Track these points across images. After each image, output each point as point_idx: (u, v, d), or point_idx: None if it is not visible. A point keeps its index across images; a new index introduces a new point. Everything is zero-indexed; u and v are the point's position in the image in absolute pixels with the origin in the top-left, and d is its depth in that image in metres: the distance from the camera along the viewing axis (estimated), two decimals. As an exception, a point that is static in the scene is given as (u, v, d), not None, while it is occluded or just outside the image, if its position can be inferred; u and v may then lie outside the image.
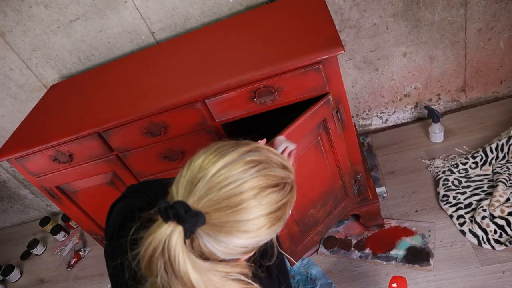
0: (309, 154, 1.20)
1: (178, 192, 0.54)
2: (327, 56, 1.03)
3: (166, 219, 0.49)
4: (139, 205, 0.78)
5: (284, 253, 0.86)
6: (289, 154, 0.92)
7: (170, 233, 0.49)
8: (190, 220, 0.49)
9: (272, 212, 0.54)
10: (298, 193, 0.64)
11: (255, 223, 0.53)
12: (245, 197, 0.52)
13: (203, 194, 0.52)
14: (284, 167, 0.59)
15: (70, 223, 2.29)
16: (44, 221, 2.31)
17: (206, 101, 1.15)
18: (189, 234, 0.50)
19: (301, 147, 1.15)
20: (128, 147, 1.30)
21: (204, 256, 0.53)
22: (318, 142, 1.21)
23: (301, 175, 1.19)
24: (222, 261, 0.55)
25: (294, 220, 1.30)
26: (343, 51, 1.00)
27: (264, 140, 0.95)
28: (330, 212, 1.40)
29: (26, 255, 2.30)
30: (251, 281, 0.56)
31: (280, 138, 0.95)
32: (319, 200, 1.34)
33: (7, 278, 2.16)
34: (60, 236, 2.25)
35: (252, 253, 0.61)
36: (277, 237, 0.71)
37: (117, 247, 0.68)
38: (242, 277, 0.55)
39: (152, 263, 0.50)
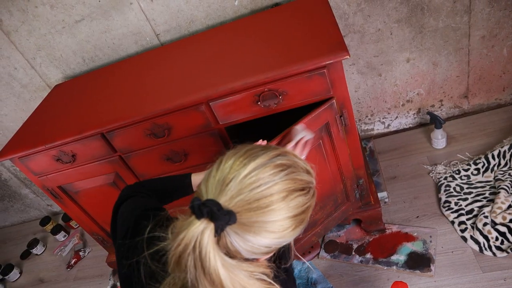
0: (310, 156, 1.20)
1: (208, 191, 0.55)
2: (332, 61, 1.03)
3: (199, 216, 0.51)
4: (150, 205, 0.80)
5: (298, 254, 0.87)
6: (305, 143, 0.94)
7: (202, 230, 0.50)
8: (223, 218, 0.51)
9: (297, 214, 0.57)
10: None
11: (281, 225, 0.55)
12: (275, 199, 0.54)
13: (235, 194, 0.53)
14: (308, 172, 0.61)
15: (70, 223, 2.29)
16: (44, 221, 2.31)
17: (210, 103, 1.15)
18: (219, 232, 0.52)
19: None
20: (131, 148, 1.30)
21: (230, 254, 0.54)
22: (320, 145, 1.21)
23: None
24: (246, 260, 0.56)
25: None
26: (348, 56, 1.00)
27: (265, 141, 0.95)
28: (329, 214, 1.40)
29: (26, 254, 2.30)
30: (272, 282, 0.58)
31: (298, 127, 0.96)
32: (318, 202, 1.34)
33: (6, 277, 2.15)
34: (60, 236, 2.25)
35: (271, 254, 0.63)
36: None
37: (132, 246, 0.69)
38: (265, 277, 0.56)
39: (182, 259, 0.51)
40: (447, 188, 1.58)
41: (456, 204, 1.52)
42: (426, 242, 1.45)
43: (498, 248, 1.34)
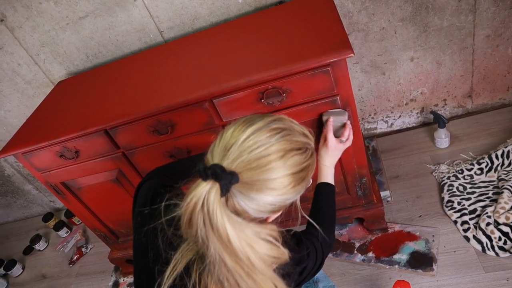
0: None
1: (213, 157, 0.61)
2: (336, 59, 1.03)
3: (205, 178, 0.56)
4: (168, 182, 0.86)
5: (307, 217, 0.92)
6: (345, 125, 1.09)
7: (209, 189, 0.55)
8: (226, 177, 0.56)
9: (296, 172, 0.62)
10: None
11: (281, 182, 0.60)
12: (272, 158, 0.59)
13: (236, 157, 0.59)
14: (305, 135, 0.66)
15: (73, 220, 2.30)
16: (47, 217, 2.32)
17: (214, 100, 1.15)
18: (224, 192, 0.56)
19: None
20: (135, 145, 1.30)
21: (238, 214, 0.59)
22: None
23: None
24: (253, 219, 0.61)
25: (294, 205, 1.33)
26: (352, 54, 1.00)
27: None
28: None
29: (29, 250, 2.31)
30: (278, 244, 0.61)
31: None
32: (313, 184, 1.35)
33: (9, 272, 2.17)
34: (63, 232, 2.26)
35: (279, 213, 0.68)
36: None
37: (149, 213, 0.75)
38: (271, 239, 0.60)
39: (193, 218, 0.56)
40: (450, 187, 1.58)
41: (459, 203, 1.51)
42: (429, 241, 1.45)
43: (501, 248, 1.34)
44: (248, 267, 0.56)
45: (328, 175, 1.06)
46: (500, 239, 1.35)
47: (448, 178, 1.62)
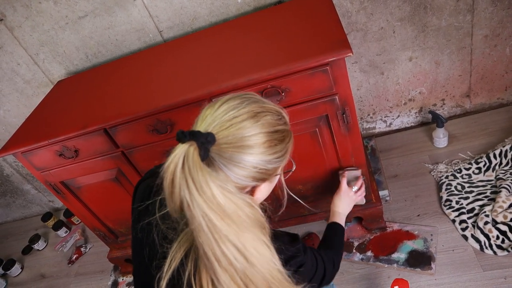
0: (304, 138, 1.25)
1: (192, 129, 0.63)
2: (335, 58, 1.03)
3: (183, 139, 0.57)
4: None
5: (294, 196, 0.97)
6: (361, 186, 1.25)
7: (187, 148, 0.55)
8: (202, 136, 0.57)
9: (270, 132, 0.64)
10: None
11: (256, 138, 0.62)
12: (244, 117, 0.63)
13: (211, 122, 0.62)
14: (276, 106, 0.70)
15: (72, 219, 2.30)
16: (46, 217, 2.32)
17: (213, 100, 1.16)
18: (203, 153, 0.56)
19: (296, 129, 1.20)
20: (134, 144, 1.31)
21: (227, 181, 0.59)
22: (315, 133, 1.23)
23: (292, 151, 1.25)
24: (241, 190, 0.63)
25: (279, 185, 1.36)
26: (351, 54, 1.01)
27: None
28: (322, 194, 1.45)
29: (28, 250, 2.31)
30: (256, 207, 0.60)
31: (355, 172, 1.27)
32: (309, 181, 1.40)
33: (8, 272, 2.17)
34: (62, 232, 2.26)
35: (264, 185, 0.69)
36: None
37: (144, 209, 0.76)
38: (249, 201, 0.59)
39: (175, 178, 0.55)
40: (448, 186, 1.59)
41: (457, 202, 1.52)
42: (427, 240, 1.45)
43: (498, 247, 1.34)
44: (236, 224, 0.55)
45: (340, 219, 1.17)
46: (498, 237, 1.36)
47: (447, 177, 1.63)
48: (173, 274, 0.62)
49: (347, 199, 1.22)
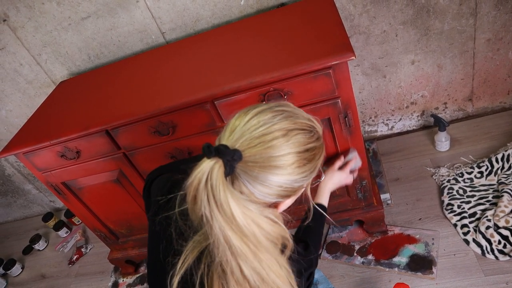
0: None
1: (219, 140, 0.63)
2: (337, 62, 1.03)
3: (209, 155, 0.56)
4: (181, 178, 0.86)
5: (312, 201, 0.95)
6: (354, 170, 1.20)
7: (212, 165, 0.55)
8: (229, 153, 0.56)
9: (300, 152, 0.62)
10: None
11: (285, 159, 0.60)
12: (275, 135, 0.60)
13: (239, 136, 0.60)
14: (310, 120, 0.67)
15: (72, 220, 2.30)
16: (47, 217, 2.32)
17: (215, 102, 1.16)
18: (228, 170, 0.56)
19: None
20: (136, 146, 1.31)
21: (250, 199, 0.59)
22: None
23: None
24: (262, 204, 0.61)
25: (303, 197, 1.35)
26: (354, 57, 1.01)
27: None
28: None
29: (28, 250, 2.31)
30: (280, 222, 0.60)
31: (351, 151, 1.21)
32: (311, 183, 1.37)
33: (8, 272, 2.17)
34: (63, 232, 2.26)
35: (289, 200, 0.68)
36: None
37: (164, 203, 0.76)
38: (273, 217, 0.59)
39: (198, 195, 0.56)
40: (450, 190, 1.58)
41: (459, 207, 1.51)
42: (428, 244, 1.45)
43: (500, 251, 1.34)
44: (254, 245, 0.55)
45: (324, 197, 1.13)
46: (499, 242, 1.35)
47: (448, 181, 1.62)
48: (186, 272, 0.62)
49: (336, 175, 1.17)
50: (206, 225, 0.56)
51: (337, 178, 1.17)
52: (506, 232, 1.36)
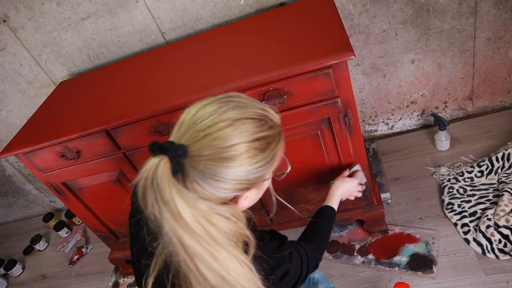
0: (306, 141, 1.25)
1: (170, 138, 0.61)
2: (337, 61, 1.03)
3: (154, 152, 0.55)
4: None
5: (282, 200, 0.97)
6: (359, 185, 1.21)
7: (157, 163, 0.53)
8: (173, 149, 0.54)
9: (251, 141, 0.59)
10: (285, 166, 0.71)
11: (234, 150, 0.57)
12: (220, 126, 0.57)
13: (185, 131, 0.58)
14: (261, 108, 0.63)
15: (73, 220, 2.30)
16: (47, 217, 2.33)
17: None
18: (175, 166, 0.54)
19: (298, 131, 1.22)
20: (136, 146, 1.31)
21: (204, 197, 0.57)
22: (317, 135, 1.23)
23: (293, 154, 1.27)
24: (220, 200, 0.59)
25: (280, 188, 1.41)
26: (353, 56, 1.01)
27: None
28: (323, 199, 1.43)
29: (29, 250, 2.31)
30: (235, 219, 0.58)
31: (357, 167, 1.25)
32: (311, 184, 1.39)
33: (9, 272, 2.17)
34: (63, 233, 2.26)
35: (250, 193, 0.65)
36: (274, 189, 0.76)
37: (140, 206, 0.75)
38: (227, 214, 0.57)
39: (146, 194, 0.54)
40: (450, 190, 1.58)
41: (459, 206, 1.51)
42: (429, 243, 1.45)
43: (501, 250, 1.34)
44: (208, 243, 0.53)
45: (334, 201, 1.12)
46: (500, 241, 1.35)
47: (449, 180, 1.62)
48: (159, 273, 0.61)
49: (347, 184, 1.18)
50: (157, 225, 0.54)
51: (348, 184, 1.17)
52: (506, 231, 1.36)
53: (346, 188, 1.17)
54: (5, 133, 2.08)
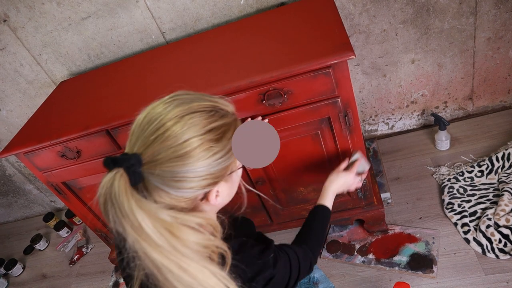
0: (306, 140, 1.25)
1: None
2: (337, 61, 1.03)
3: (108, 167, 0.54)
4: None
5: (254, 190, 0.97)
6: (360, 174, 1.14)
7: (113, 176, 0.52)
8: (126, 159, 0.53)
9: (203, 133, 0.57)
10: (285, 165, 0.66)
11: (187, 146, 0.56)
12: (168, 125, 0.56)
13: (135, 140, 0.57)
14: (209, 100, 0.62)
15: (73, 219, 2.30)
16: (47, 217, 2.33)
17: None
18: (133, 177, 0.53)
19: (298, 131, 1.22)
20: (136, 145, 1.31)
21: (171, 206, 0.56)
22: (317, 135, 1.23)
23: (293, 154, 1.29)
24: (189, 201, 0.58)
25: (281, 188, 1.42)
26: (353, 56, 1.01)
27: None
28: None
29: (29, 250, 2.31)
30: (202, 230, 0.56)
31: (358, 154, 1.19)
32: (311, 183, 1.40)
33: (9, 272, 2.17)
34: (63, 232, 2.26)
35: (219, 187, 0.63)
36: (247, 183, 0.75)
37: None
38: (193, 225, 0.55)
39: (107, 210, 0.53)
40: (451, 189, 1.58)
41: (459, 206, 1.51)
42: (429, 243, 1.45)
43: (501, 250, 1.34)
44: (174, 255, 0.51)
45: (328, 198, 1.07)
46: (500, 241, 1.35)
47: (449, 180, 1.62)
48: (141, 285, 0.60)
49: (342, 177, 1.12)
50: (120, 239, 0.52)
51: (343, 179, 1.11)
52: (506, 231, 1.36)
53: (341, 184, 1.11)
54: (6, 133, 2.08)
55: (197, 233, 0.55)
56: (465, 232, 1.43)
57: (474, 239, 1.40)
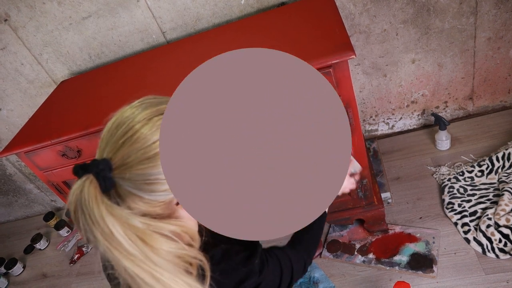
0: None
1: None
2: (337, 61, 1.03)
3: (77, 175, 0.53)
4: None
5: None
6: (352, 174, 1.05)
7: (82, 183, 0.51)
8: (95, 165, 0.52)
9: None
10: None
11: (156, 146, 0.54)
12: (137, 128, 0.55)
13: (105, 146, 0.56)
14: None
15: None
16: (48, 216, 2.33)
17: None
18: (103, 183, 0.52)
19: None
20: (137, 145, 1.31)
21: (147, 213, 0.55)
22: None
23: None
24: (167, 205, 0.57)
25: None
26: (354, 56, 1.01)
27: None
28: None
29: (30, 249, 2.31)
30: (176, 238, 0.55)
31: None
32: None
33: (10, 271, 2.17)
34: (64, 232, 2.27)
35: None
36: None
37: None
38: (166, 232, 0.54)
39: (77, 218, 0.51)
40: (451, 189, 1.58)
41: (459, 205, 1.52)
42: (429, 243, 1.45)
43: (501, 250, 1.34)
44: (146, 264, 0.50)
45: None
46: (500, 241, 1.35)
47: (449, 180, 1.62)
48: None
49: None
50: (94, 249, 0.52)
51: None
52: (506, 231, 1.36)
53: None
54: (6, 132, 2.08)
55: (170, 241, 0.54)
56: (465, 232, 1.43)
57: (474, 238, 1.40)
